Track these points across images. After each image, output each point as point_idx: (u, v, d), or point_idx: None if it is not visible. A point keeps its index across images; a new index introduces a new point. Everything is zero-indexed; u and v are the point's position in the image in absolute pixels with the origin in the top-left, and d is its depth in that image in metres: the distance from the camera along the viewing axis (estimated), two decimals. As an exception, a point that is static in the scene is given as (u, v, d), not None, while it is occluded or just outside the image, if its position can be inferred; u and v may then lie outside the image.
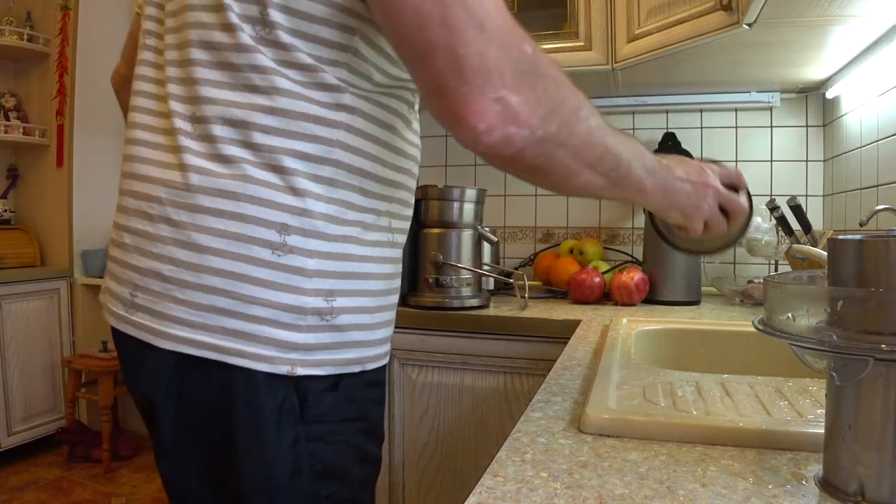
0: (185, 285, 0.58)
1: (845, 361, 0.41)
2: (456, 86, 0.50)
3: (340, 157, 0.62)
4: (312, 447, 0.62)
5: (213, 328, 0.58)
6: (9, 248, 2.72)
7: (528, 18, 1.66)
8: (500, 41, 0.51)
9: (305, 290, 0.60)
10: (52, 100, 2.79)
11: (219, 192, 0.58)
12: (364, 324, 0.65)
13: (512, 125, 0.51)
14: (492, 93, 0.50)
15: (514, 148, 0.52)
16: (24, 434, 2.60)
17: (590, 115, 0.57)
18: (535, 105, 0.52)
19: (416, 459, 1.41)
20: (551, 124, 0.53)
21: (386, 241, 0.68)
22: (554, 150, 0.54)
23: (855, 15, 1.13)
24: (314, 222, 0.60)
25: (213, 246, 0.58)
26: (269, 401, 0.59)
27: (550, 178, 0.58)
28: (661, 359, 1.10)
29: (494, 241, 1.47)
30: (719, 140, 1.81)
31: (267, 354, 0.59)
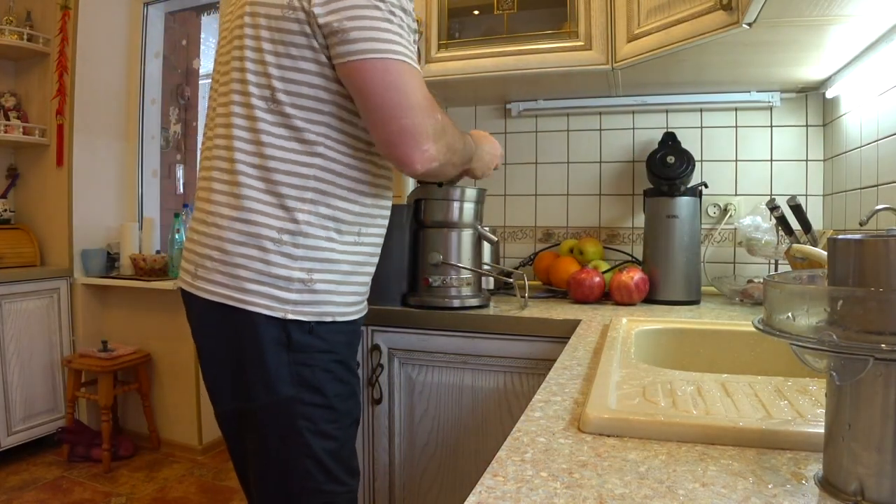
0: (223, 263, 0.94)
1: (845, 361, 0.41)
2: (401, 143, 0.90)
3: (317, 186, 0.95)
4: (296, 368, 0.93)
5: (239, 289, 0.93)
6: (8, 248, 2.72)
7: (528, 18, 1.66)
8: (426, 114, 0.90)
9: (293, 267, 0.94)
10: (52, 99, 2.79)
11: (239, 209, 0.94)
12: (333, 290, 0.97)
13: (433, 162, 0.93)
14: (423, 146, 0.90)
15: (430, 173, 0.95)
16: (23, 434, 2.60)
17: (462, 143, 1.04)
18: (442, 149, 0.94)
19: (416, 459, 1.41)
20: (447, 156, 0.97)
21: (354, 241, 1.01)
22: (449, 169, 1.03)
23: (855, 15, 1.13)
24: (299, 227, 0.94)
25: (234, 240, 0.94)
26: (266, 334, 0.92)
27: (440, 177, 1.16)
28: (661, 359, 1.10)
29: (494, 240, 1.47)
30: (719, 140, 1.82)
31: (269, 304, 0.92)
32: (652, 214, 1.58)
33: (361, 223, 1.01)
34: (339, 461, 0.96)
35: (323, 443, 0.94)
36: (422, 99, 0.89)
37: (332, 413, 0.95)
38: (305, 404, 0.93)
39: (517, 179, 2.00)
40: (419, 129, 0.88)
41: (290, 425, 0.93)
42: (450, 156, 0.97)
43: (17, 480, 2.40)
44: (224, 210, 0.95)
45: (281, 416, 0.93)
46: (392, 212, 1.43)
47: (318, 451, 0.94)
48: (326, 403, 0.95)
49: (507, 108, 2.00)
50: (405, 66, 0.88)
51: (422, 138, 0.89)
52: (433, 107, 0.91)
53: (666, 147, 1.63)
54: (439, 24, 1.70)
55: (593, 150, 1.93)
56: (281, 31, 0.90)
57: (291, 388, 0.92)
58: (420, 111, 0.89)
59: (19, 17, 2.80)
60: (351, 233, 1.00)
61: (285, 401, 0.92)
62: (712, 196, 1.80)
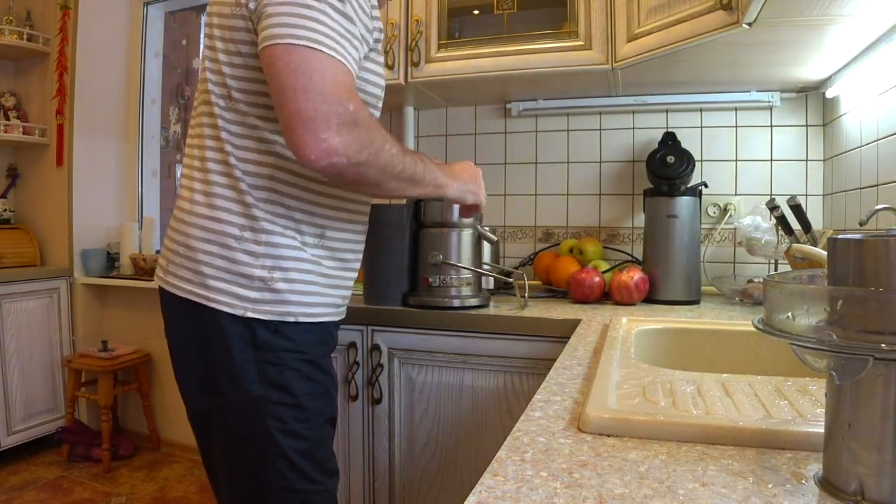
0: (188, 259, 0.94)
1: (845, 361, 0.41)
2: (298, 128, 0.80)
3: (276, 186, 0.93)
4: (263, 366, 0.92)
5: (202, 286, 0.93)
6: (8, 248, 2.72)
7: (527, 18, 1.66)
8: (331, 102, 0.80)
9: (254, 265, 0.92)
10: (52, 99, 2.78)
11: (204, 206, 0.94)
12: (295, 290, 0.94)
13: (335, 156, 0.81)
14: (320, 134, 0.80)
15: (336, 170, 0.84)
16: (23, 433, 2.60)
17: (392, 147, 0.89)
18: (351, 143, 0.82)
19: (416, 459, 1.41)
20: (362, 155, 0.84)
21: (317, 243, 0.98)
22: (366, 171, 0.86)
23: (854, 14, 1.13)
24: (259, 224, 0.93)
25: (200, 237, 0.94)
26: (231, 331, 0.91)
27: (365, 187, 0.92)
28: (661, 358, 1.10)
29: (494, 240, 1.47)
30: (719, 139, 1.82)
31: (230, 301, 0.92)
32: (652, 214, 1.58)
33: (324, 225, 0.99)
34: (310, 460, 0.95)
35: (293, 442, 0.93)
36: (329, 85, 0.81)
37: (301, 412, 0.94)
38: (273, 403, 0.92)
39: (517, 179, 2.00)
40: (317, 114, 0.79)
41: (259, 424, 0.92)
42: (368, 157, 0.85)
43: (17, 480, 2.40)
44: (192, 207, 0.95)
45: (249, 414, 0.92)
46: (392, 212, 1.44)
47: (288, 450, 0.93)
48: (295, 402, 0.93)
49: (507, 108, 2.00)
50: (315, 52, 0.81)
51: (319, 125, 0.79)
52: (346, 97, 0.82)
53: (666, 147, 1.63)
54: (439, 24, 1.70)
55: (593, 150, 1.93)
56: (231, 30, 0.90)
57: (259, 387, 0.91)
58: (321, 96, 0.80)
59: (19, 17, 2.80)
60: (313, 234, 0.98)
61: (253, 399, 0.91)
62: (712, 196, 1.80)
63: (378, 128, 0.88)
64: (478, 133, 2.04)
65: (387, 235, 1.42)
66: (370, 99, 1.00)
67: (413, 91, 1.83)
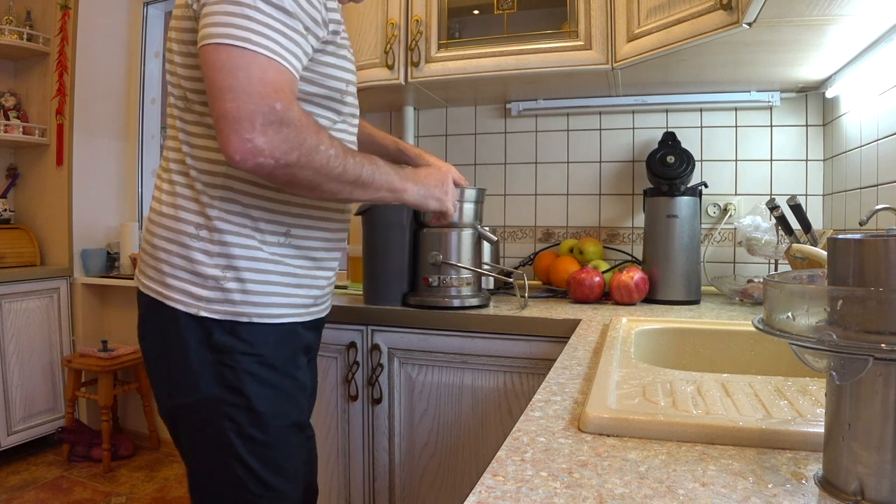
0: (152, 258, 0.96)
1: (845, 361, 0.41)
2: (223, 128, 0.79)
3: (231, 184, 0.92)
4: (218, 367, 0.91)
5: (160, 283, 0.94)
6: (8, 248, 2.72)
7: (527, 18, 1.66)
8: (257, 101, 0.78)
9: (208, 264, 0.92)
10: (52, 99, 2.78)
11: (165, 204, 0.95)
12: (250, 290, 0.93)
13: (260, 157, 0.79)
14: (244, 134, 0.78)
15: (264, 171, 0.82)
16: (23, 433, 2.60)
17: (329, 148, 0.86)
18: (279, 144, 0.80)
19: (416, 459, 1.41)
20: (291, 156, 0.82)
21: (281, 242, 0.97)
22: (298, 172, 0.84)
23: (854, 14, 1.13)
24: (213, 223, 0.92)
25: (160, 235, 0.95)
26: (188, 331, 0.91)
27: (302, 189, 0.89)
28: (661, 358, 1.10)
29: (494, 240, 1.47)
30: (719, 139, 1.82)
31: (184, 300, 0.92)
32: (652, 214, 1.58)
33: (289, 223, 0.97)
34: (268, 465, 0.93)
35: (249, 445, 0.91)
36: (256, 84, 0.79)
37: (256, 416, 0.91)
38: (229, 405, 0.91)
39: (517, 179, 2.00)
40: (240, 113, 0.78)
41: (215, 426, 0.91)
42: (299, 158, 0.82)
43: (17, 480, 2.40)
44: (158, 207, 0.97)
45: (206, 415, 0.91)
46: (392, 212, 1.44)
47: (243, 453, 0.91)
48: (249, 406, 0.91)
49: (507, 108, 2.00)
50: (241, 50, 0.79)
51: (243, 125, 0.78)
52: (273, 95, 0.80)
53: (666, 147, 1.63)
54: (439, 24, 1.70)
55: (593, 150, 1.93)
56: (183, 31, 0.91)
57: (215, 388, 0.91)
58: (246, 95, 0.78)
59: (19, 17, 2.80)
60: (275, 233, 0.96)
61: (209, 400, 0.91)
62: (712, 196, 1.80)
63: (312, 127, 0.84)
64: (478, 133, 2.04)
65: (387, 235, 1.42)
66: (333, 93, 0.98)
67: (413, 91, 1.83)
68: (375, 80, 1.74)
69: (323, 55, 0.94)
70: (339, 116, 1.02)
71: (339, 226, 1.07)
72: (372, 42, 1.75)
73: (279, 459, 0.94)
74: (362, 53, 1.77)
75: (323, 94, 0.96)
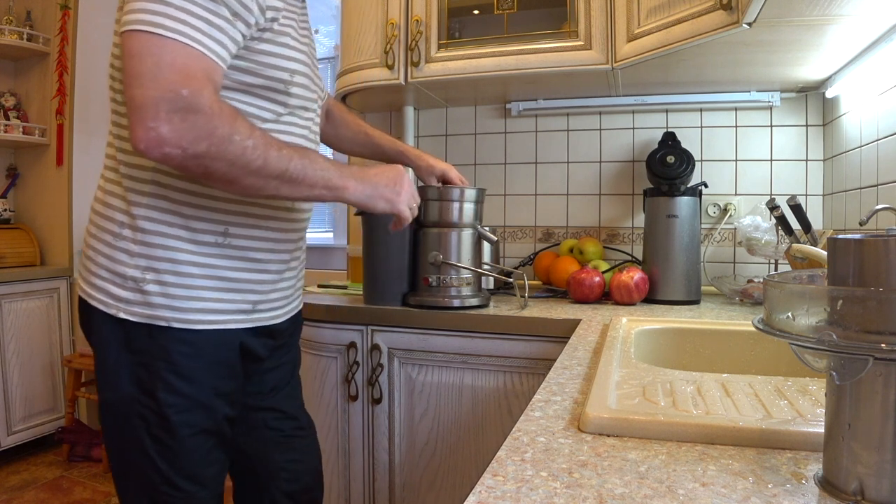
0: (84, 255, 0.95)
1: (845, 361, 0.41)
2: (131, 117, 0.76)
3: (160, 179, 0.89)
4: (135, 368, 0.90)
5: (86, 281, 0.93)
6: (8, 248, 2.72)
7: (527, 18, 1.66)
8: (163, 88, 0.74)
9: (128, 263, 0.89)
10: (52, 99, 2.79)
11: (98, 201, 0.94)
12: (168, 293, 0.90)
13: (165, 146, 0.75)
14: (149, 123, 0.74)
15: (174, 162, 0.78)
16: (23, 433, 2.60)
17: (248, 139, 0.80)
18: (185, 132, 0.75)
19: (416, 459, 1.41)
20: (200, 146, 0.77)
21: (217, 242, 0.92)
22: (210, 163, 0.79)
23: (854, 14, 1.13)
24: (136, 222, 0.89)
25: (91, 232, 0.94)
26: (106, 330, 0.91)
27: (220, 183, 0.84)
28: (661, 358, 1.10)
29: (494, 240, 1.47)
30: (719, 139, 1.82)
31: (104, 300, 0.90)
32: (652, 214, 1.58)
33: (227, 222, 0.93)
34: (176, 468, 0.91)
35: (158, 447, 0.90)
36: (165, 70, 0.75)
37: (165, 422, 0.90)
38: (143, 406, 0.90)
39: (517, 179, 2.00)
40: (145, 101, 0.74)
41: (130, 424, 0.91)
42: (209, 148, 0.77)
43: (17, 480, 2.40)
44: (93, 204, 0.96)
45: (121, 414, 0.91)
46: (392, 212, 1.44)
47: (154, 454, 0.90)
48: (159, 411, 0.90)
49: (507, 108, 2.00)
50: (151, 36, 0.76)
51: (148, 113, 0.74)
52: (182, 82, 0.75)
53: (666, 147, 1.63)
54: (439, 24, 1.70)
55: (593, 150, 1.93)
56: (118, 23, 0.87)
57: (131, 388, 0.90)
58: (152, 81, 0.74)
59: (19, 17, 2.80)
60: (211, 232, 0.91)
61: (126, 399, 0.90)
62: (712, 196, 1.80)
63: (226, 116, 0.79)
64: (478, 133, 2.04)
65: (387, 235, 1.42)
66: (275, 84, 0.93)
67: (413, 91, 1.83)
68: (375, 80, 1.74)
69: (260, 43, 0.89)
70: (286, 109, 0.96)
71: (287, 226, 1.01)
72: (372, 42, 1.75)
73: (187, 466, 0.93)
74: (362, 53, 1.77)
75: (263, 84, 0.91)
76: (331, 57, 2.68)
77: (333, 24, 2.71)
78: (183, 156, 0.76)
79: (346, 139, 1.42)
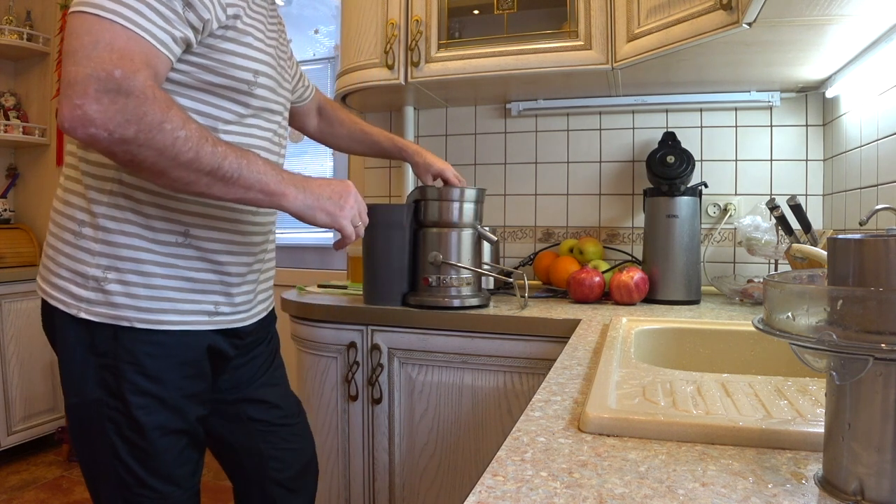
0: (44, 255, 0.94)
1: (845, 361, 0.41)
2: (61, 92, 0.73)
3: (119, 177, 0.88)
4: (101, 371, 0.89)
5: (46, 281, 0.92)
6: (8, 248, 2.72)
7: (527, 18, 1.66)
8: (95, 66, 0.72)
9: (89, 263, 0.88)
10: (52, 99, 2.79)
11: (58, 199, 0.93)
12: (131, 293, 0.89)
13: (91, 127, 0.72)
14: (76, 100, 0.72)
15: (100, 145, 0.75)
16: (23, 433, 2.60)
17: (178, 129, 0.77)
18: (113, 115, 0.73)
19: (416, 459, 1.41)
20: (128, 130, 0.74)
21: (177, 242, 0.91)
22: (137, 150, 0.76)
23: (854, 14, 1.13)
24: (97, 220, 0.88)
25: (51, 231, 0.93)
26: (68, 332, 0.89)
27: (147, 174, 0.81)
28: (661, 358, 1.10)
29: (494, 240, 1.47)
30: (719, 139, 1.82)
31: (65, 300, 0.89)
32: (652, 214, 1.58)
33: (188, 223, 0.92)
34: (147, 468, 0.91)
35: (129, 448, 0.90)
36: (101, 49, 0.73)
37: (135, 424, 0.89)
38: (111, 408, 0.89)
39: (517, 179, 2.00)
40: (76, 78, 0.72)
41: (98, 427, 0.90)
42: (136, 134, 0.74)
43: (17, 480, 2.40)
44: (54, 203, 0.95)
45: (90, 416, 0.90)
46: (392, 212, 1.44)
47: (125, 456, 0.90)
48: (128, 413, 0.89)
49: (507, 108, 2.00)
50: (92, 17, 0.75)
51: (76, 90, 0.72)
52: (116, 63, 0.73)
53: (666, 147, 1.63)
54: (439, 24, 1.70)
55: (593, 150, 1.93)
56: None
57: (98, 391, 0.89)
58: (86, 59, 0.73)
59: (19, 17, 2.80)
60: (171, 231, 0.91)
61: (93, 402, 0.89)
62: (712, 196, 1.80)
63: (160, 103, 0.76)
64: (478, 133, 2.04)
65: (387, 235, 1.42)
66: (237, 84, 0.92)
67: (413, 91, 1.83)
68: (375, 80, 1.74)
69: (223, 42, 0.88)
70: (249, 110, 0.95)
71: (250, 229, 1.00)
72: (372, 42, 1.75)
73: (160, 466, 0.92)
74: (362, 53, 1.77)
75: (225, 84, 0.90)
76: (331, 57, 2.68)
77: (333, 24, 2.71)
78: (109, 139, 0.74)
79: (343, 136, 1.42)
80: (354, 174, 2.33)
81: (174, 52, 0.82)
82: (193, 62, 0.87)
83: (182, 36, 0.82)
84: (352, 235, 0.99)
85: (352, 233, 0.99)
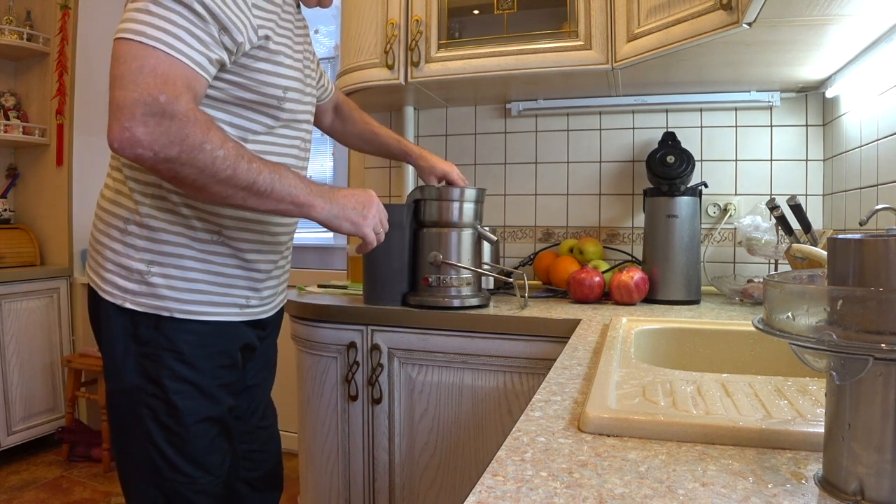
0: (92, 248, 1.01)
1: (845, 361, 0.41)
2: (110, 116, 0.80)
3: (163, 182, 0.94)
4: (141, 359, 0.95)
5: (96, 273, 0.99)
6: (8, 248, 2.72)
7: (527, 18, 1.66)
8: (141, 91, 0.79)
9: (134, 257, 0.95)
10: (52, 99, 2.78)
11: (105, 199, 1.00)
12: (174, 286, 0.96)
13: (138, 148, 0.80)
14: (123, 122, 0.79)
15: (146, 163, 0.82)
16: (23, 433, 2.60)
17: (219, 150, 0.84)
18: (158, 136, 0.80)
19: (416, 459, 1.41)
20: (172, 151, 0.81)
21: (212, 240, 0.98)
22: (180, 168, 0.83)
23: (854, 14, 1.13)
24: (142, 218, 0.95)
25: (98, 227, 1.00)
26: (114, 322, 0.96)
27: (188, 188, 0.88)
28: (661, 358, 1.10)
29: (494, 240, 1.47)
30: (719, 139, 1.82)
31: (112, 291, 0.96)
32: (652, 214, 1.58)
33: (221, 224, 0.98)
34: (182, 454, 0.96)
35: (164, 434, 0.95)
36: (147, 75, 0.80)
37: (172, 409, 0.95)
38: (148, 395, 0.95)
39: (517, 179, 2.00)
40: (124, 102, 0.79)
41: (135, 413, 0.95)
42: (180, 154, 0.81)
43: (17, 480, 2.40)
44: (99, 200, 1.02)
45: (127, 402, 0.96)
46: (392, 212, 1.43)
47: (160, 441, 0.95)
48: (166, 399, 0.95)
49: (507, 108, 2.00)
50: (136, 44, 0.81)
51: (125, 114, 0.79)
52: (161, 88, 0.80)
53: (666, 147, 1.63)
54: (439, 24, 1.70)
55: (593, 150, 1.93)
56: None
57: (137, 378, 0.95)
58: (133, 84, 0.79)
59: (19, 17, 2.80)
60: (208, 230, 0.98)
61: (132, 389, 0.95)
62: (712, 196, 1.80)
63: (200, 125, 0.82)
64: (478, 133, 2.04)
65: (387, 235, 1.42)
66: (269, 100, 0.98)
67: (413, 91, 1.83)
68: (375, 80, 1.74)
69: (256, 61, 0.94)
70: (278, 122, 1.02)
71: (278, 230, 1.07)
72: (372, 42, 1.75)
73: (192, 451, 0.97)
74: (362, 53, 1.77)
75: (256, 99, 0.97)
76: (331, 57, 2.68)
77: (333, 24, 2.71)
78: (154, 158, 0.81)
79: (353, 135, 1.46)
80: (354, 174, 2.33)
81: (210, 73, 0.88)
82: (227, 80, 0.93)
83: (217, 58, 0.88)
84: (373, 242, 1.08)
85: (373, 240, 1.07)
